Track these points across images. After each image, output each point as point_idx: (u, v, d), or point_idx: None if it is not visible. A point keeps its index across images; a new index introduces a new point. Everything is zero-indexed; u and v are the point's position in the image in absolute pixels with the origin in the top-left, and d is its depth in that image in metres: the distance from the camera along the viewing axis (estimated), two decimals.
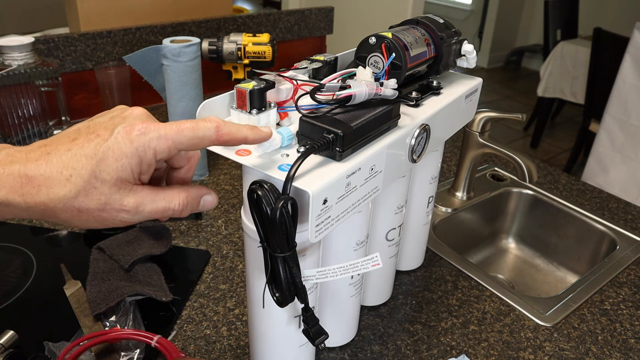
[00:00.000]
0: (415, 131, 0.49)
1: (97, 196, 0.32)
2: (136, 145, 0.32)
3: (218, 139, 0.35)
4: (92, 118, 0.35)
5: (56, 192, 0.31)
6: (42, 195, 0.31)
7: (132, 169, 0.32)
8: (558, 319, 0.65)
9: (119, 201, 0.33)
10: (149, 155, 0.33)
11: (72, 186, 0.31)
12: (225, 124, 0.35)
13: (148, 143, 0.32)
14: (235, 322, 0.61)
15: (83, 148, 0.32)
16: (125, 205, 0.33)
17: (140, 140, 0.32)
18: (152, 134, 0.33)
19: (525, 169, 0.79)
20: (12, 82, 0.86)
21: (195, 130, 0.34)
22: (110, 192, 0.32)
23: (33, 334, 0.57)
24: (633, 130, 1.76)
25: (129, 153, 0.32)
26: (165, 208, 0.35)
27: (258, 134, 0.37)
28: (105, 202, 0.32)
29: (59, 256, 0.71)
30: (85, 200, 0.32)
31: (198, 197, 0.37)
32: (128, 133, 0.32)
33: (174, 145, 0.33)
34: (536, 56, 4.50)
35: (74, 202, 0.32)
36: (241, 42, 0.93)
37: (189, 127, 0.34)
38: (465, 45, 0.60)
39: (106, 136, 0.32)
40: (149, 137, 0.32)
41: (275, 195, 0.37)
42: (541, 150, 3.16)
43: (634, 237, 0.83)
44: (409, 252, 0.71)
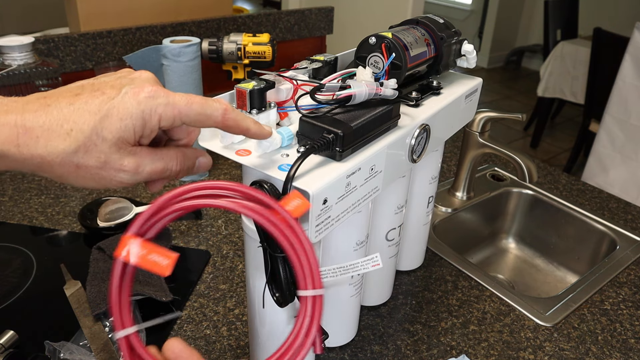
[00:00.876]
0: (415, 131, 0.49)
1: (96, 154, 0.31)
2: (143, 108, 0.32)
3: (223, 122, 0.35)
4: (96, 77, 0.34)
5: (55, 145, 0.30)
6: (40, 147, 0.30)
7: (134, 131, 0.32)
8: (558, 319, 0.65)
9: (119, 161, 0.32)
10: (154, 119, 0.32)
11: (72, 140, 0.30)
12: (233, 110, 0.35)
13: (155, 107, 0.32)
14: (235, 322, 0.61)
15: (87, 104, 0.31)
16: (125, 166, 0.33)
17: (147, 103, 0.32)
18: (160, 99, 0.32)
19: (525, 169, 0.79)
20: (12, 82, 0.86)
21: (205, 107, 0.33)
22: (110, 151, 0.32)
23: (33, 334, 0.57)
24: (633, 130, 1.76)
25: (134, 114, 0.31)
26: (164, 168, 0.35)
27: (260, 130, 0.37)
28: (104, 160, 0.32)
29: (59, 256, 0.71)
30: (85, 156, 0.31)
31: (194, 158, 0.37)
32: (136, 94, 0.32)
33: (179, 115, 0.33)
34: (536, 56, 4.50)
35: (72, 157, 0.31)
36: (241, 42, 0.93)
37: (198, 102, 0.33)
38: (465, 45, 0.60)
39: (112, 94, 0.31)
40: (157, 102, 0.32)
41: (275, 195, 0.37)
42: (541, 150, 3.17)
43: (634, 237, 0.83)
44: (409, 252, 0.71)
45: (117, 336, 0.32)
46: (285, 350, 0.33)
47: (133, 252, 0.31)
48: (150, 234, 0.33)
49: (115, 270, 0.32)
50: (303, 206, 0.34)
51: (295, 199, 0.34)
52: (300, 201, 0.34)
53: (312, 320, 0.33)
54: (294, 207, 0.33)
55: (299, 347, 0.33)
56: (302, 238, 0.33)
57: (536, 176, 0.79)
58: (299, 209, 0.33)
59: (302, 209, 0.34)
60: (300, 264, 0.33)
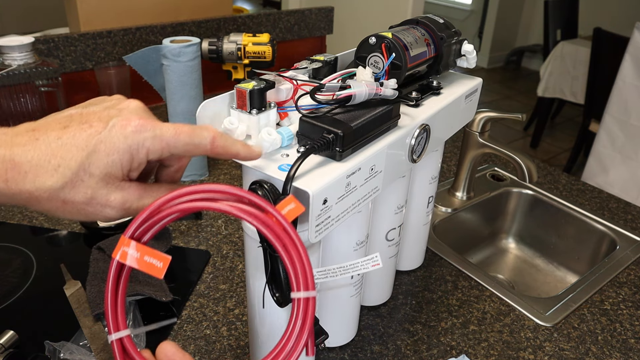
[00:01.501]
0: (415, 131, 0.49)
1: (83, 189, 0.31)
2: (130, 142, 0.31)
3: (212, 150, 0.34)
4: (85, 104, 0.34)
5: (42, 181, 0.30)
6: (28, 183, 0.30)
7: (122, 165, 0.32)
8: (558, 319, 0.65)
9: (105, 196, 0.32)
10: (141, 153, 0.32)
11: (59, 177, 0.30)
12: (221, 136, 0.34)
13: (142, 142, 0.32)
14: (235, 322, 0.61)
15: (74, 138, 0.31)
16: (112, 202, 0.33)
17: (134, 137, 0.31)
18: (148, 132, 0.32)
19: (525, 169, 0.79)
20: (12, 82, 0.86)
21: (192, 137, 0.33)
22: (98, 187, 0.32)
23: (33, 334, 0.57)
24: (633, 130, 1.76)
25: (121, 149, 0.31)
26: None
27: (249, 152, 0.37)
28: (91, 196, 0.32)
29: (59, 256, 0.71)
30: (72, 192, 0.31)
31: None
32: (123, 128, 0.31)
33: (167, 148, 0.33)
34: (536, 56, 4.50)
35: (59, 193, 0.31)
36: (241, 42, 0.93)
37: (186, 132, 0.33)
38: (465, 45, 0.60)
39: (100, 128, 0.31)
40: (144, 136, 0.32)
41: (275, 195, 0.37)
42: (541, 150, 3.17)
43: (634, 237, 0.83)
44: (409, 252, 0.71)
45: (111, 339, 0.32)
46: (278, 353, 0.33)
47: (129, 254, 0.32)
48: (146, 237, 0.33)
49: (112, 273, 0.32)
50: (297, 209, 0.34)
51: (290, 202, 0.34)
52: (294, 205, 0.34)
53: (305, 322, 0.33)
54: (289, 211, 0.34)
55: (292, 349, 0.33)
56: (296, 240, 0.33)
57: (536, 176, 0.79)
58: (293, 213, 0.34)
59: (296, 212, 0.34)
60: (293, 266, 0.33)
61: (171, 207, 0.33)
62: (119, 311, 0.33)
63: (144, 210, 0.33)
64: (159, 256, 0.32)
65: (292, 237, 0.33)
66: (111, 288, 0.33)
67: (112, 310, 0.33)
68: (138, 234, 0.33)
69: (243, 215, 0.33)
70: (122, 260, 0.32)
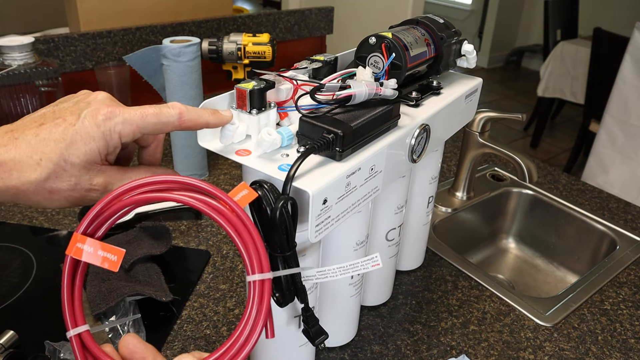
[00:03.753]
0: (415, 131, 0.49)
1: (67, 177, 0.34)
2: (102, 130, 0.34)
3: (181, 125, 0.37)
4: (56, 102, 0.37)
5: (27, 175, 0.33)
6: (14, 179, 0.33)
7: (99, 151, 0.35)
8: (558, 319, 0.65)
9: (89, 181, 0.35)
10: (114, 138, 0.35)
11: (42, 169, 0.33)
12: (188, 110, 0.37)
13: (114, 127, 0.34)
14: (235, 322, 0.61)
15: (51, 133, 0.33)
16: (95, 185, 0.35)
17: (106, 124, 0.34)
18: (117, 118, 0.35)
19: (525, 169, 0.79)
20: (12, 82, 0.86)
21: (159, 116, 0.36)
22: (80, 174, 0.34)
23: (33, 334, 0.57)
24: (633, 130, 1.76)
25: (96, 137, 0.34)
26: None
27: (219, 118, 0.39)
28: (75, 182, 0.34)
29: (59, 256, 0.71)
30: (56, 181, 0.34)
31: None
32: (94, 117, 0.34)
33: (138, 129, 0.35)
34: (536, 56, 4.50)
35: (44, 184, 0.33)
36: (241, 42, 0.93)
37: (152, 113, 0.36)
38: (465, 45, 0.60)
39: (73, 121, 0.34)
40: (114, 122, 0.34)
41: (275, 195, 0.37)
42: (541, 150, 3.17)
43: (634, 237, 0.83)
44: (409, 252, 0.71)
45: (69, 334, 0.33)
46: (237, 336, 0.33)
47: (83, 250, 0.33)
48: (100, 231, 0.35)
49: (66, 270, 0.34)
50: (250, 195, 0.35)
51: (242, 189, 0.36)
52: (247, 191, 0.36)
53: (261, 303, 0.34)
54: (242, 197, 0.35)
55: (250, 332, 0.34)
56: (248, 225, 0.34)
57: (536, 176, 0.79)
58: (246, 199, 0.35)
59: (249, 199, 0.35)
60: (247, 250, 0.34)
61: (123, 200, 0.34)
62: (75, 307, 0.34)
63: (95, 206, 0.34)
64: (113, 250, 0.33)
65: (245, 221, 0.34)
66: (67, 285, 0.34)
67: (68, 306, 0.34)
68: (91, 230, 0.34)
69: (196, 203, 0.34)
70: (77, 256, 0.33)
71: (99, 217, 0.34)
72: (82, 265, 0.34)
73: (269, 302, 0.34)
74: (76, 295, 0.34)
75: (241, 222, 0.34)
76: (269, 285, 0.35)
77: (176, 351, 0.57)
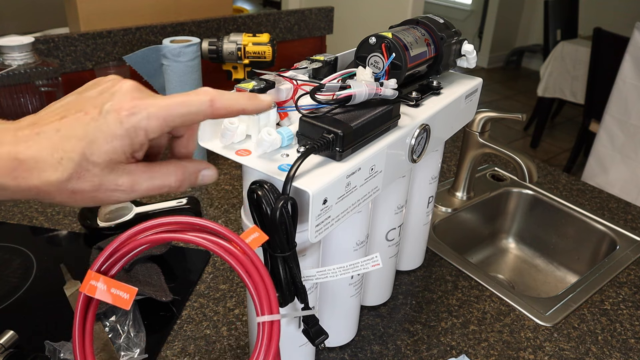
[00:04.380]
0: (415, 131, 0.49)
1: (90, 178, 0.31)
2: (126, 127, 0.31)
3: (214, 113, 0.33)
4: (81, 89, 0.34)
5: (47, 175, 0.30)
6: (34, 179, 0.30)
7: (123, 150, 0.32)
8: (558, 319, 0.65)
9: (114, 181, 0.32)
10: (140, 135, 0.32)
11: (63, 169, 0.30)
12: (221, 95, 0.33)
13: (138, 123, 0.31)
14: (235, 322, 0.61)
15: (72, 128, 0.31)
16: (120, 185, 0.32)
17: (129, 121, 0.31)
18: (141, 113, 0.31)
19: (525, 169, 0.79)
20: (12, 82, 0.86)
21: (188, 106, 0.32)
22: (103, 174, 0.31)
23: (33, 334, 0.57)
24: (633, 130, 1.76)
25: (119, 134, 0.31)
26: (162, 185, 0.34)
27: (257, 104, 0.35)
28: (99, 183, 0.32)
29: (59, 256, 0.71)
30: (79, 182, 0.31)
31: (196, 172, 0.36)
32: (118, 113, 0.31)
33: (165, 123, 0.32)
34: (536, 56, 4.50)
35: (67, 185, 0.31)
36: (241, 42, 0.93)
37: (179, 102, 0.32)
38: (465, 45, 0.60)
39: (95, 115, 0.31)
40: (139, 117, 0.31)
41: (275, 195, 0.37)
42: (541, 150, 3.17)
43: (634, 237, 0.83)
44: (409, 252, 0.71)
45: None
46: None
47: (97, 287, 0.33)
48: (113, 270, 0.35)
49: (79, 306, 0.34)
50: (261, 238, 0.36)
51: (254, 232, 0.36)
52: (258, 234, 0.36)
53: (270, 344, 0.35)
54: (252, 239, 0.36)
55: None
56: (259, 267, 0.35)
57: (536, 176, 0.79)
58: (257, 241, 0.36)
59: (259, 241, 0.36)
60: (257, 291, 0.35)
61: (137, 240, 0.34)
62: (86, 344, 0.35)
63: (110, 245, 0.34)
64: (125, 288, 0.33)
65: (255, 263, 0.35)
66: (79, 321, 0.35)
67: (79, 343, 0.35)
68: (105, 268, 0.34)
69: (208, 244, 0.34)
70: (90, 293, 0.33)
71: (113, 255, 0.34)
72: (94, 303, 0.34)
73: (278, 343, 0.35)
74: (87, 332, 0.34)
75: (252, 264, 0.35)
76: (278, 327, 0.35)
77: (176, 351, 0.57)
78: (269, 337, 0.34)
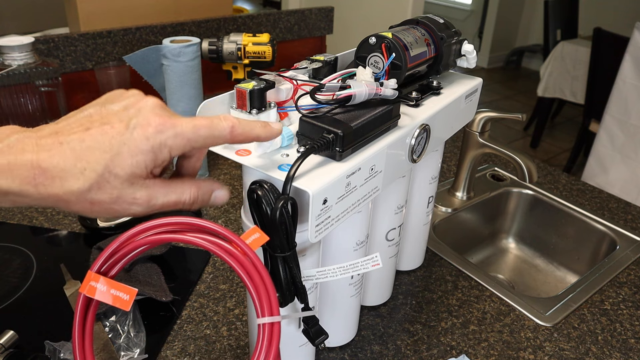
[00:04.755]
0: (415, 131, 0.49)
1: (109, 190, 0.32)
2: (152, 143, 0.32)
3: (232, 139, 0.35)
4: (103, 101, 0.35)
5: (70, 185, 0.31)
6: (56, 187, 0.31)
7: (146, 165, 0.33)
8: (558, 319, 0.65)
9: (131, 195, 0.33)
10: (164, 152, 0.33)
11: (85, 180, 0.31)
12: (240, 123, 0.35)
13: (164, 141, 0.32)
14: (235, 322, 0.61)
15: (97, 141, 0.32)
16: (138, 199, 0.33)
17: (156, 138, 0.32)
18: (169, 131, 0.33)
19: (525, 169, 0.79)
20: (12, 82, 0.86)
21: (212, 130, 0.34)
22: (123, 187, 0.32)
23: (33, 334, 0.57)
24: (633, 130, 1.76)
25: (144, 150, 0.32)
26: (177, 201, 0.35)
27: (270, 132, 0.37)
28: (117, 195, 0.33)
29: (59, 256, 0.71)
30: (98, 193, 0.32)
31: (209, 192, 0.37)
32: (144, 129, 0.32)
33: (189, 143, 0.33)
34: (536, 56, 4.50)
35: (86, 195, 0.32)
36: (241, 42, 0.93)
37: (205, 125, 0.34)
38: (465, 45, 0.60)
39: (121, 129, 0.32)
40: (166, 135, 0.32)
41: (275, 195, 0.37)
42: (541, 150, 3.16)
43: (634, 237, 0.83)
44: (409, 252, 0.71)
45: None
46: None
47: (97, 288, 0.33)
48: (113, 270, 0.35)
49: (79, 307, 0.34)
50: (261, 239, 0.36)
51: (254, 232, 0.36)
52: (259, 235, 0.36)
53: (270, 346, 0.35)
54: (253, 240, 0.36)
55: None
56: (260, 268, 0.35)
57: (536, 176, 0.79)
58: (257, 242, 0.36)
59: (260, 242, 0.36)
60: (257, 293, 0.35)
61: (137, 241, 0.34)
62: (86, 345, 0.35)
63: (110, 245, 0.34)
64: (125, 289, 0.33)
65: (256, 264, 0.35)
66: (78, 322, 0.34)
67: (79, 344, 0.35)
68: (105, 269, 0.34)
69: (209, 245, 0.34)
70: (90, 294, 0.33)
71: (113, 256, 0.34)
72: (94, 303, 0.35)
73: (278, 345, 0.35)
74: (87, 333, 0.34)
75: (252, 265, 0.35)
76: (278, 328, 0.35)
77: (176, 351, 0.57)
78: (270, 338, 0.34)
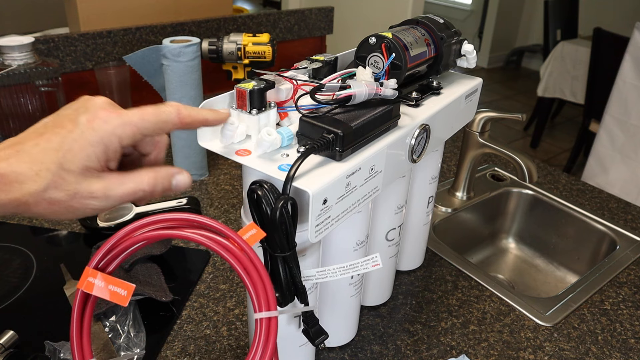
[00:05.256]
0: (415, 131, 0.49)
1: (65, 187, 0.33)
2: (101, 134, 0.33)
3: (181, 122, 0.37)
4: (58, 111, 0.36)
5: (27, 187, 0.32)
6: (15, 191, 0.32)
7: (97, 157, 0.34)
8: (558, 319, 0.65)
9: (87, 189, 0.34)
10: (113, 142, 0.34)
11: (41, 180, 0.32)
12: (185, 107, 0.37)
13: (112, 130, 0.34)
14: (235, 322, 0.61)
15: (50, 142, 0.33)
16: (94, 192, 0.34)
17: (104, 128, 0.34)
18: (115, 121, 0.34)
19: (525, 169, 0.79)
20: (12, 82, 0.86)
21: (158, 115, 0.35)
22: (78, 182, 0.33)
23: (33, 334, 0.57)
24: (633, 130, 1.76)
25: (94, 142, 0.33)
26: (135, 189, 0.36)
27: (218, 115, 0.39)
28: (74, 192, 0.33)
29: (59, 256, 0.71)
30: (55, 192, 0.33)
31: (168, 177, 0.38)
32: (91, 122, 0.33)
33: (138, 130, 0.35)
34: (536, 56, 4.50)
35: (44, 195, 0.33)
36: (241, 42, 0.93)
37: (151, 112, 0.35)
38: (465, 45, 0.60)
39: (71, 128, 0.33)
40: (113, 125, 0.34)
41: (275, 195, 0.37)
42: (541, 150, 3.16)
43: (634, 237, 0.83)
44: (409, 252, 0.71)
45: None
46: None
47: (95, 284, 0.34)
48: (111, 266, 0.35)
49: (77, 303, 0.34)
50: (258, 235, 0.36)
51: (251, 228, 0.36)
52: (256, 231, 0.36)
53: (268, 340, 0.35)
54: (250, 236, 0.36)
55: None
56: (257, 264, 0.35)
57: (536, 176, 0.79)
58: (254, 238, 0.36)
59: (257, 238, 0.36)
60: (255, 288, 0.35)
61: (134, 237, 0.34)
62: (84, 340, 0.35)
63: (108, 241, 0.34)
64: (123, 285, 0.34)
65: (253, 260, 0.35)
66: (76, 318, 0.35)
67: (77, 339, 0.35)
68: (103, 265, 0.34)
69: (206, 241, 0.34)
70: (87, 290, 0.33)
71: (110, 252, 0.34)
72: (92, 299, 0.35)
73: (275, 339, 0.35)
74: (85, 329, 0.35)
75: (249, 261, 0.35)
76: (275, 323, 0.35)
77: (176, 351, 0.57)
78: (267, 333, 0.35)
